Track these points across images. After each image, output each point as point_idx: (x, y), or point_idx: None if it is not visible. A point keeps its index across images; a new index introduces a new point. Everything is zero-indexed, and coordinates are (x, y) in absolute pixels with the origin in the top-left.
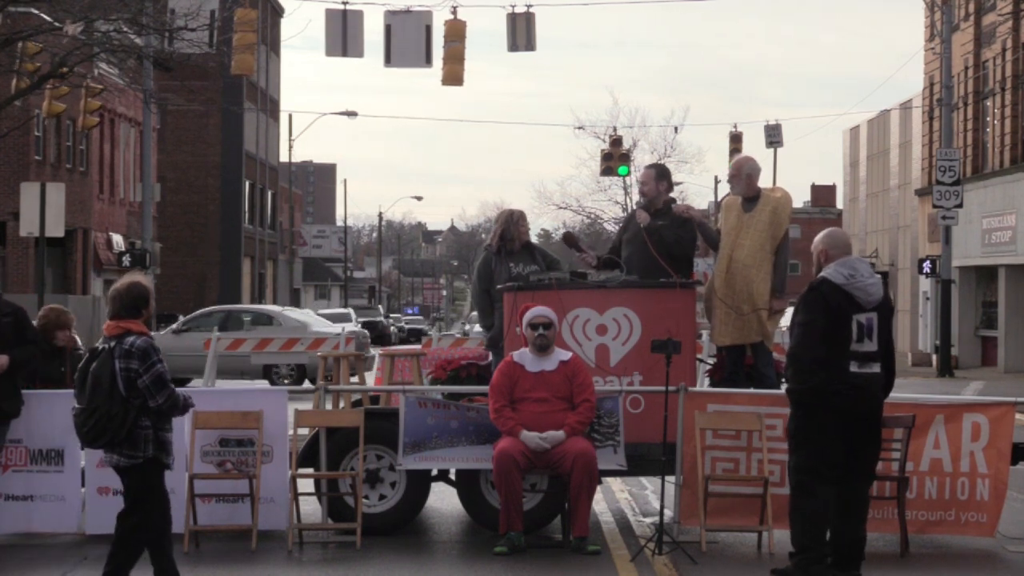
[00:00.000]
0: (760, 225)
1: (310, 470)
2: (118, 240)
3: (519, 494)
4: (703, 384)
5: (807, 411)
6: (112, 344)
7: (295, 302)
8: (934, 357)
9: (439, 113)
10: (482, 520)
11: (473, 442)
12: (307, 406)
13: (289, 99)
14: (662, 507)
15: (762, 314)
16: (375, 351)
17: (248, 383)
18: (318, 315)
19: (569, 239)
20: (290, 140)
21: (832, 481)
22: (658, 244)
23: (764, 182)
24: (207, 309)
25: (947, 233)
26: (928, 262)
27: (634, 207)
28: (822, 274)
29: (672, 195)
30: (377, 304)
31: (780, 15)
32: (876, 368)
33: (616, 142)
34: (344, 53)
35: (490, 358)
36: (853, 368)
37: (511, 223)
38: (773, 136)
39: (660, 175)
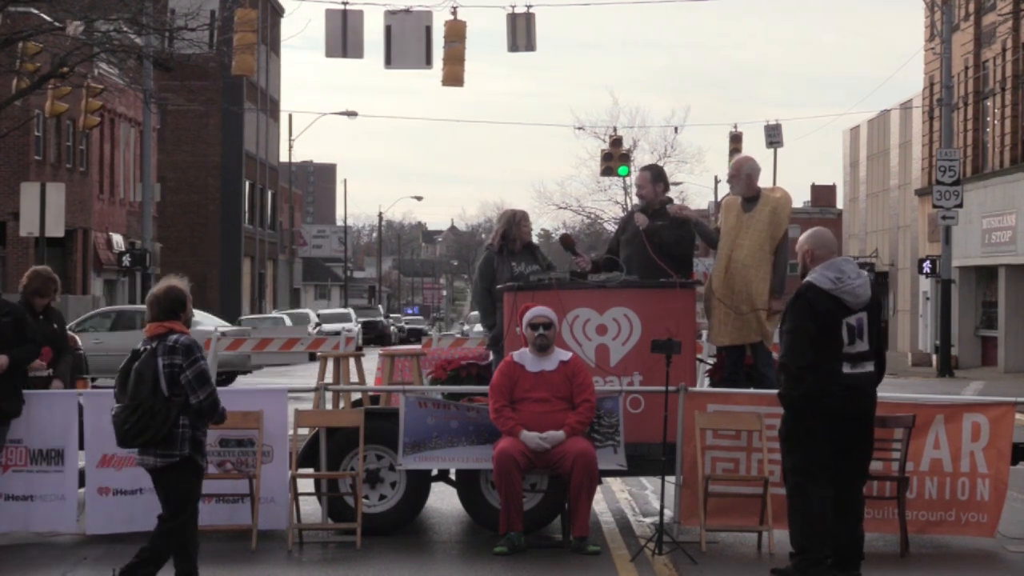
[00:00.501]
0: (759, 225)
1: (310, 470)
2: (118, 240)
3: (519, 494)
4: (703, 384)
5: (798, 414)
6: (155, 344)
7: (295, 302)
8: (934, 357)
9: (439, 113)
10: (482, 520)
11: (473, 442)
12: (307, 406)
13: (289, 99)
14: (662, 507)
15: (761, 314)
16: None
17: (248, 383)
18: (318, 315)
19: (566, 241)
20: (290, 140)
21: (826, 481)
22: (658, 245)
23: (764, 182)
24: (102, 309)
25: (947, 233)
26: (928, 262)
27: (632, 209)
28: (808, 279)
29: (669, 195)
30: (377, 304)
31: (780, 15)
32: (869, 367)
33: (616, 142)
34: (344, 53)
35: (491, 358)
36: (846, 369)
37: (513, 223)
38: (773, 136)
39: (656, 177)
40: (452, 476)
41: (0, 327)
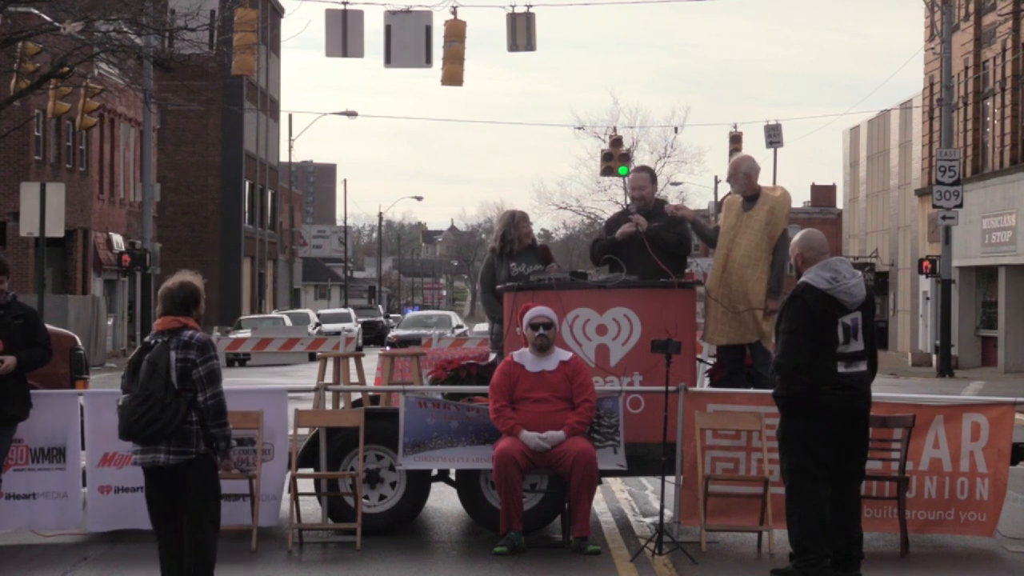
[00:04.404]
0: (757, 224)
1: (310, 470)
2: (118, 240)
3: (519, 494)
4: (703, 384)
5: (794, 415)
6: (167, 337)
7: (295, 302)
8: (934, 357)
9: (439, 113)
10: (482, 520)
11: (473, 442)
12: (307, 406)
13: (289, 99)
14: (662, 507)
15: (757, 314)
16: (375, 351)
17: (248, 383)
18: (318, 315)
19: (544, 255)
20: (290, 140)
21: (824, 481)
22: (661, 246)
23: (764, 182)
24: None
25: (947, 233)
26: (928, 262)
27: (627, 209)
28: (803, 279)
29: (661, 196)
30: (377, 304)
31: (780, 15)
32: (863, 367)
33: (616, 142)
34: (344, 53)
35: (492, 358)
36: (841, 369)
37: (511, 224)
38: (773, 136)
39: (653, 178)
40: (452, 476)
41: (12, 329)
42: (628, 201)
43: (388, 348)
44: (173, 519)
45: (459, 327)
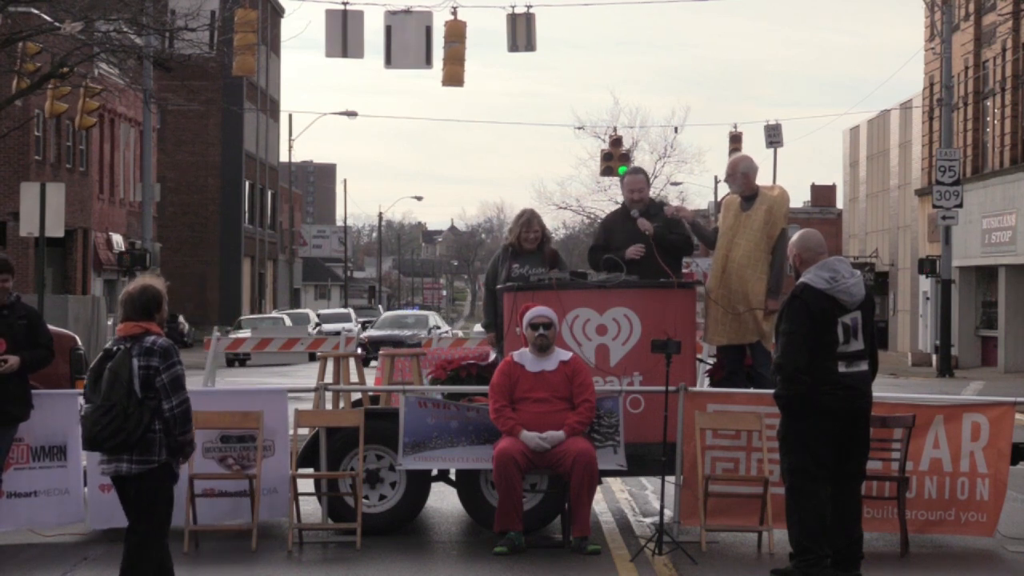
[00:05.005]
0: (756, 224)
1: (310, 470)
2: (118, 240)
3: (519, 494)
4: (703, 384)
5: (794, 415)
6: (129, 344)
7: (295, 302)
8: (934, 357)
9: (439, 113)
10: (482, 520)
11: (473, 442)
12: (307, 406)
13: (289, 99)
14: (662, 507)
15: (757, 314)
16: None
17: (248, 383)
18: (318, 315)
19: (552, 257)
20: (290, 140)
21: (825, 481)
22: (668, 248)
23: (764, 182)
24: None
25: (947, 233)
26: (928, 262)
27: (631, 215)
28: (803, 279)
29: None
30: (377, 304)
31: (780, 15)
32: (864, 366)
33: (616, 142)
34: (344, 53)
35: (491, 358)
36: (841, 368)
37: (520, 223)
38: (773, 136)
39: (647, 179)
40: (452, 476)
41: (15, 329)
42: (625, 202)
43: (361, 351)
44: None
45: (437, 327)
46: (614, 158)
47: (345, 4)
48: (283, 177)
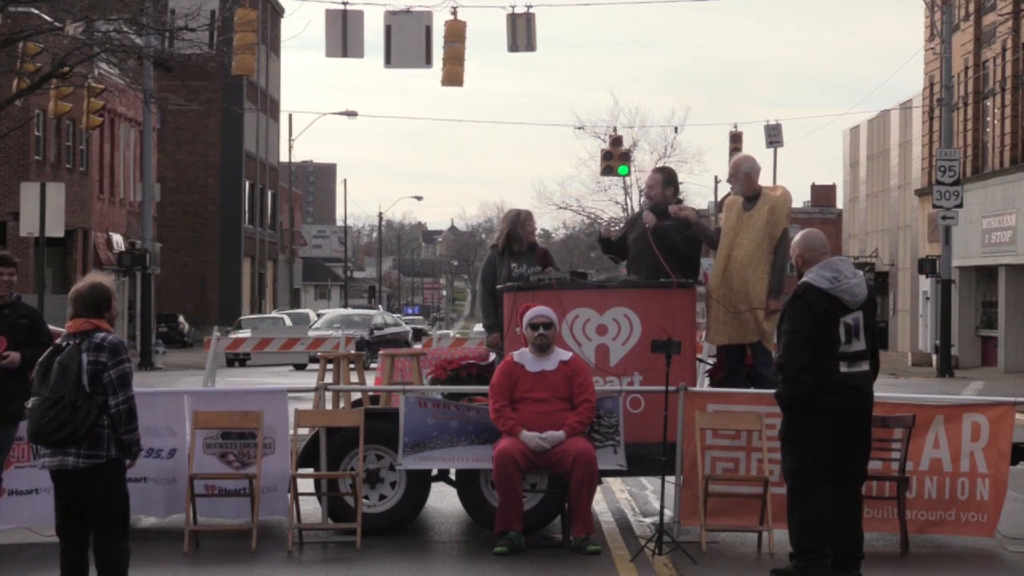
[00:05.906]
0: (758, 224)
1: (310, 470)
2: (118, 240)
3: (519, 494)
4: (703, 384)
5: (796, 415)
6: (79, 340)
7: (295, 302)
8: (934, 357)
9: (439, 113)
10: (482, 520)
11: (473, 442)
12: (307, 406)
13: (289, 99)
14: (662, 507)
15: (759, 313)
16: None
17: (248, 383)
18: (318, 315)
19: (542, 257)
20: (290, 140)
21: (826, 481)
22: (666, 246)
23: (765, 182)
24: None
25: (947, 233)
26: (928, 262)
27: (642, 207)
28: (805, 279)
29: (680, 199)
30: (377, 304)
31: (780, 15)
32: (865, 367)
33: (616, 142)
34: (344, 53)
35: (491, 358)
36: (843, 368)
37: (517, 223)
38: (773, 136)
39: (668, 181)
40: (452, 476)
41: (16, 328)
42: (629, 201)
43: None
44: (80, 529)
45: (379, 328)
46: (614, 158)
47: (345, 4)
48: (283, 177)
